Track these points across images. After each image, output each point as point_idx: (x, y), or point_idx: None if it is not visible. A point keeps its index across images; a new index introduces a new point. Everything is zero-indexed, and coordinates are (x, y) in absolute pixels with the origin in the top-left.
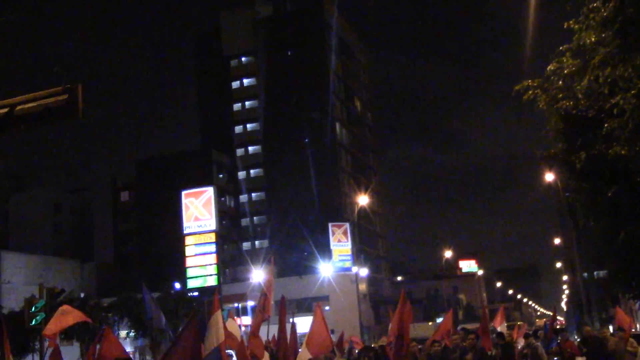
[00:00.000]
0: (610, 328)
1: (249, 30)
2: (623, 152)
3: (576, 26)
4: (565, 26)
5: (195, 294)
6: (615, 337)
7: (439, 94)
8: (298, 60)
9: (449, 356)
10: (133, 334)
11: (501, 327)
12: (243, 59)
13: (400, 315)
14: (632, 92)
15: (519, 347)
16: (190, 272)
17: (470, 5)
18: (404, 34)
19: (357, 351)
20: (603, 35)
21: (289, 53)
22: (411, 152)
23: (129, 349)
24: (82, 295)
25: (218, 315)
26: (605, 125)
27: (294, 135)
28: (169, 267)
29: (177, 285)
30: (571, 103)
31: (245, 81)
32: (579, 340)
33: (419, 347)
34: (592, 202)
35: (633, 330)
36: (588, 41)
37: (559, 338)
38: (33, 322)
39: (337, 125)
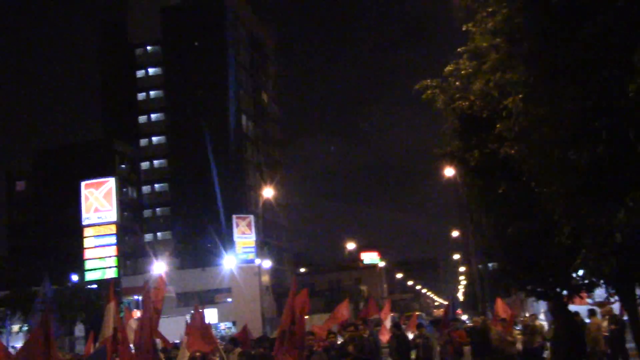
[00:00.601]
0: None
1: (156, 19)
2: (512, 152)
3: (474, 29)
4: (464, 28)
5: (94, 286)
6: (498, 327)
7: (347, 90)
8: (205, 52)
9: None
10: (26, 328)
11: (388, 319)
12: (149, 47)
13: (291, 305)
14: (519, 96)
15: (411, 337)
16: (88, 265)
17: (379, 4)
18: (315, 31)
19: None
20: (494, 41)
21: (196, 44)
22: (318, 146)
23: (20, 343)
24: None
25: (111, 306)
26: (497, 126)
27: (199, 126)
28: (67, 259)
29: (75, 278)
30: (467, 103)
31: (151, 70)
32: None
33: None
34: (484, 198)
35: (521, 319)
36: (484, 44)
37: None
38: None
39: (244, 118)
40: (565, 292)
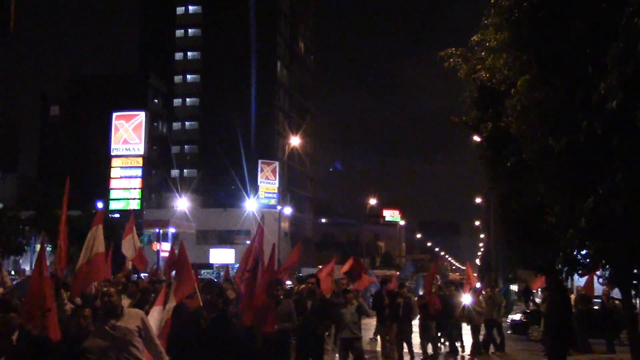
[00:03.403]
0: (515, 287)
1: None
2: (511, 130)
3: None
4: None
5: (117, 216)
6: (460, 296)
7: (386, 46)
8: None
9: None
10: (50, 249)
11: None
12: None
13: (253, 245)
14: (527, 76)
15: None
16: (113, 194)
17: None
18: None
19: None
20: (503, 22)
21: None
22: (348, 99)
23: None
24: (0, 205)
25: (98, 229)
26: (505, 102)
27: (235, 68)
28: (93, 186)
29: (100, 205)
30: (487, 75)
31: (191, 8)
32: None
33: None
34: (494, 169)
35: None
36: (497, 20)
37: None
38: None
39: (279, 64)
40: (565, 269)
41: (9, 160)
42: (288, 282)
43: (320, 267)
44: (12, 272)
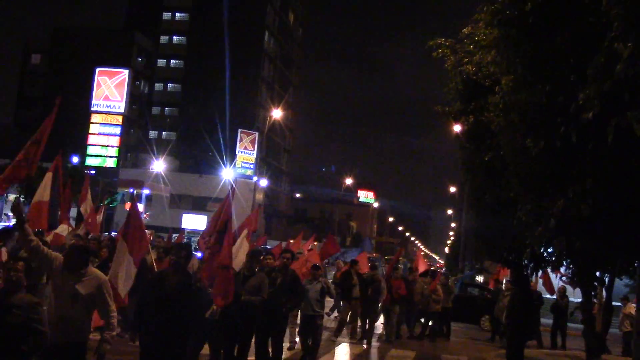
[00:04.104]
0: (481, 278)
1: None
2: (492, 126)
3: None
4: None
5: (92, 172)
6: (421, 282)
7: (374, 26)
8: None
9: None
10: (23, 199)
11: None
12: None
13: (220, 211)
14: (511, 77)
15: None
16: (90, 150)
17: None
18: None
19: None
20: (494, 20)
21: None
22: (334, 74)
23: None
24: None
25: (47, 177)
26: (488, 97)
27: (222, 33)
28: (70, 140)
29: (75, 160)
30: (474, 69)
31: None
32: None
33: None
34: (471, 162)
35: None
36: (489, 17)
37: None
38: None
39: (266, 34)
40: (531, 264)
41: None
42: None
43: (291, 241)
44: None
